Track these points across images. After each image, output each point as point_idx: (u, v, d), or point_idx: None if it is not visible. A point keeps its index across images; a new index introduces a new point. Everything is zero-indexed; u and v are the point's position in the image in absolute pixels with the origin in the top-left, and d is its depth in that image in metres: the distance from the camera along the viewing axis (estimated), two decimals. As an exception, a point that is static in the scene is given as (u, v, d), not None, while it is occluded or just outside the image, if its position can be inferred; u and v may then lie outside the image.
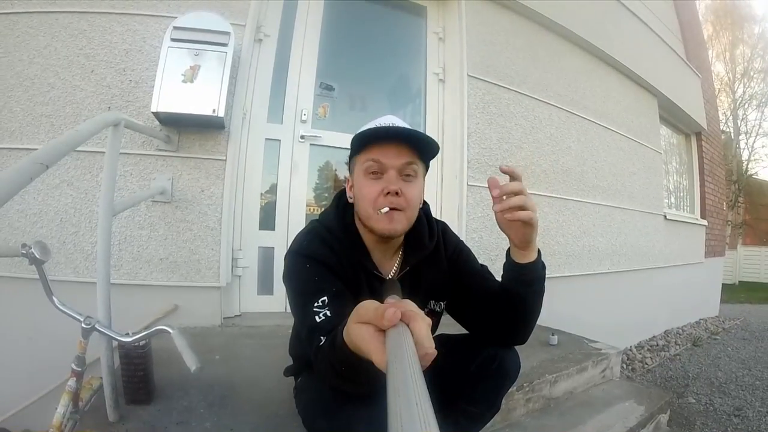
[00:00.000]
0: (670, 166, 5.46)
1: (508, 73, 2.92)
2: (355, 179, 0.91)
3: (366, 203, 0.87)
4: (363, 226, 0.93)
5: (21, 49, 1.98)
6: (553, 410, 1.71)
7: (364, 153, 0.88)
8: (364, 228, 0.93)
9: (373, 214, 0.86)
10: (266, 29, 2.35)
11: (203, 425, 1.20)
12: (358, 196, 0.90)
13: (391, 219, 0.86)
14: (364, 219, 0.90)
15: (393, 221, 0.86)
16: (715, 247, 5.99)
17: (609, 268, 3.61)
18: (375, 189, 0.86)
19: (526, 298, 0.89)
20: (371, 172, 0.87)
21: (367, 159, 0.87)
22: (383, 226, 0.86)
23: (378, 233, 0.88)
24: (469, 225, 2.60)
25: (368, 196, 0.86)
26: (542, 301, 0.92)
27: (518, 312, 0.91)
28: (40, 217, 1.91)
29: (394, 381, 0.31)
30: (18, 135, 1.94)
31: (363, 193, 0.88)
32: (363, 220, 0.90)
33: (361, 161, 0.88)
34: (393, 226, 0.87)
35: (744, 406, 2.61)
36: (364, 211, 0.89)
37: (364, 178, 0.88)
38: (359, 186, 0.89)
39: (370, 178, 0.87)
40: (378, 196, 0.86)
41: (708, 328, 5.02)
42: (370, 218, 0.87)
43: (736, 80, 15.98)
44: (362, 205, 0.89)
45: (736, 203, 14.38)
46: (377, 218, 0.86)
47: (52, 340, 1.49)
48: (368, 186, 0.87)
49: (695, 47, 5.86)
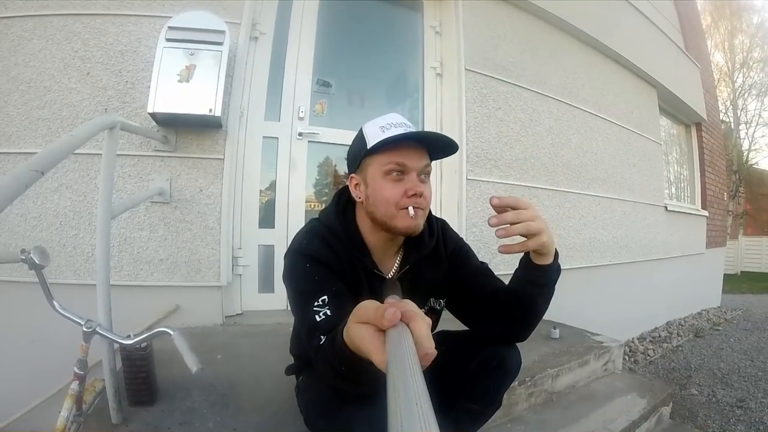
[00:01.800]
0: (670, 156, 5.44)
1: (506, 67, 2.91)
2: (370, 179, 0.90)
3: (389, 204, 0.88)
4: (373, 226, 0.93)
5: (16, 53, 1.97)
6: (555, 404, 1.71)
7: (384, 155, 0.87)
8: (374, 228, 0.93)
9: (397, 214, 0.88)
10: (262, 27, 2.34)
11: (206, 425, 1.21)
12: (375, 197, 0.89)
13: (416, 217, 0.89)
14: (383, 219, 0.89)
15: (417, 218, 0.89)
16: (717, 238, 5.99)
17: (610, 260, 3.61)
18: (398, 190, 0.87)
19: (536, 299, 0.89)
20: (392, 173, 0.87)
21: (390, 161, 0.87)
22: (408, 222, 0.88)
23: (401, 231, 0.90)
24: (469, 219, 2.59)
25: (392, 197, 0.87)
26: (549, 302, 0.91)
27: (524, 312, 0.90)
28: (40, 221, 1.90)
29: (394, 381, 0.31)
30: (15, 139, 1.93)
31: (385, 195, 0.88)
32: (381, 220, 0.90)
33: (380, 163, 0.88)
34: (417, 223, 0.90)
35: (746, 397, 2.61)
36: (384, 211, 0.89)
37: (383, 179, 0.88)
38: (378, 187, 0.88)
39: (391, 180, 0.88)
40: (401, 198, 0.87)
41: (710, 319, 5.03)
42: (393, 217, 0.88)
43: (736, 70, 15.90)
44: (383, 206, 0.89)
45: (736, 193, 14.35)
46: (401, 216, 0.88)
47: (55, 343, 1.49)
48: (391, 188, 0.87)
49: (694, 37, 5.83)
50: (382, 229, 0.91)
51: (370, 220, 0.93)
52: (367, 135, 0.89)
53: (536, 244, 0.79)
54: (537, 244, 0.79)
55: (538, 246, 0.79)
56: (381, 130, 0.87)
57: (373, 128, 0.89)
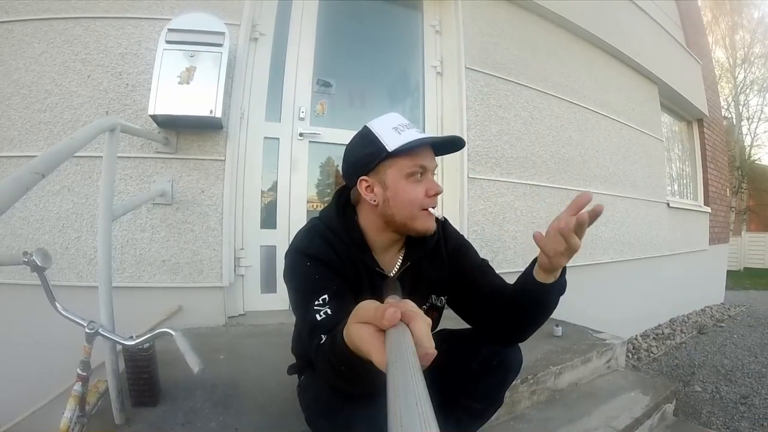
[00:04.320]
0: (672, 153, 5.43)
1: (507, 65, 2.91)
2: (390, 182, 0.89)
3: (413, 206, 0.90)
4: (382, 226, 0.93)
5: (17, 57, 1.97)
6: (558, 402, 1.71)
7: (407, 158, 0.88)
8: (383, 227, 0.93)
9: (419, 215, 0.90)
10: (261, 28, 2.34)
11: (208, 425, 1.21)
12: (397, 198, 0.89)
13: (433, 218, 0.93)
14: (405, 220, 0.90)
15: (433, 219, 0.93)
16: (719, 234, 5.97)
17: (613, 257, 3.60)
18: (420, 191, 0.90)
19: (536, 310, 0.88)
20: (415, 175, 0.89)
21: (414, 164, 0.89)
22: (430, 224, 0.92)
23: (419, 232, 0.92)
24: (471, 218, 2.59)
25: (416, 199, 0.89)
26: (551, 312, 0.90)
27: (524, 317, 0.90)
28: (43, 224, 1.91)
29: (394, 381, 0.31)
30: (17, 143, 1.94)
31: (411, 197, 0.89)
32: (402, 221, 0.91)
33: (404, 165, 0.89)
34: (434, 224, 0.94)
35: (750, 393, 2.61)
36: (408, 213, 0.90)
37: (406, 181, 0.89)
38: (400, 190, 0.89)
39: (413, 181, 0.89)
40: (424, 198, 0.90)
41: (713, 316, 5.01)
42: (415, 218, 0.90)
43: (737, 66, 15.81)
44: (406, 208, 0.90)
45: (739, 189, 14.28)
46: (422, 217, 0.90)
47: (58, 345, 1.50)
48: (414, 190, 0.89)
49: (695, 33, 5.81)
50: (397, 231, 0.93)
51: (383, 221, 0.93)
52: (382, 137, 0.88)
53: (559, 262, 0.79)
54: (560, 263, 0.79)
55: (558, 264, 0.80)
56: (396, 132, 0.88)
57: (385, 130, 0.89)
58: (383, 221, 0.92)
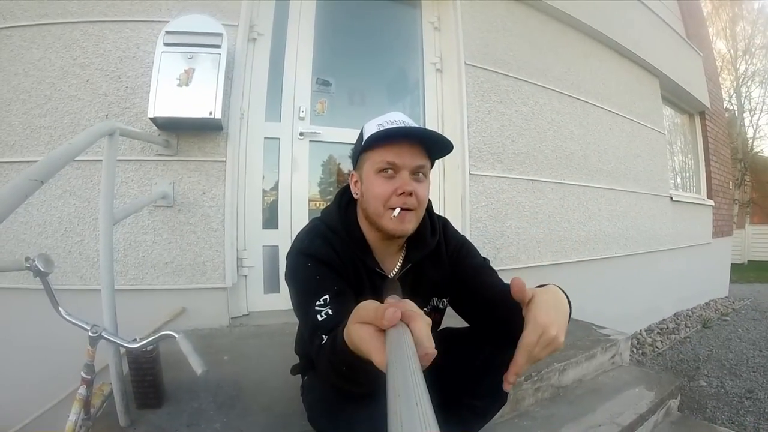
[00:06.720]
0: (674, 146, 5.40)
1: (507, 60, 2.89)
2: (364, 176, 0.90)
3: (378, 202, 0.87)
4: (369, 224, 0.92)
5: (16, 62, 1.98)
6: (562, 399, 1.71)
7: (376, 151, 0.87)
8: (370, 225, 0.92)
9: (384, 213, 0.87)
10: (259, 28, 2.33)
11: (213, 426, 1.21)
12: (367, 193, 0.89)
13: (403, 220, 0.87)
14: (373, 216, 0.89)
15: (404, 222, 0.87)
16: (723, 227, 5.94)
17: (616, 252, 3.59)
18: (388, 188, 0.86)
19: None
20: (384, 171, 0.87)
21: (381, 159, 0.86)
22: (395, 226, 0.87)
23: (389, 233, 0.88)
24: (473, 215, 2.59)
25: (381, 195, 0.86)
26: None
27: None
28: (45, 228, 1.92)
29: (394, 381, 0.31)
30: (18, 148, 1.94)
31: (375, 192, 0.87)
32: (372, 218, 0.90)
33: (373, 160, 0.88)
34: (404, 227, 0.88)
35: (755, 387, 2.60)
36: (374, 209, 0.88)
37: (375, 176, 0.87)
38: (370, 184, 0.88)
39: (383, 177, 0.87)
40: (391, 196, 0.86)
41: (718, 309, 4.99)
42: (381, 217, 0.87)
43: (738, 57, 15.72)
44: (373, 203, 0.88)
45: (742, 182, 14.19)
46: (388, 218, 0.86)
47: (62, 348, 1.50)
48: (381, 185, 0.87)
49: (695, 25, 5.77)
50: (378, 230, 0.91)
51: (365, 217, 0.93)
52: (365, 132, 0.89)
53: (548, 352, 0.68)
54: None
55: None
56: (378, 128, 0.87)
57: (371, 126, 0.89)
58: (365, 217, 0.93)
